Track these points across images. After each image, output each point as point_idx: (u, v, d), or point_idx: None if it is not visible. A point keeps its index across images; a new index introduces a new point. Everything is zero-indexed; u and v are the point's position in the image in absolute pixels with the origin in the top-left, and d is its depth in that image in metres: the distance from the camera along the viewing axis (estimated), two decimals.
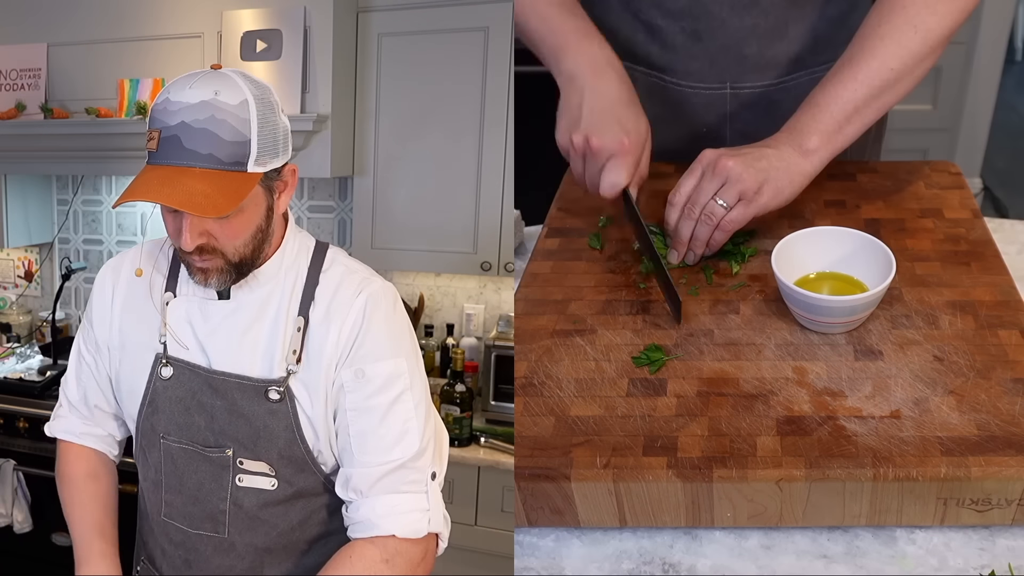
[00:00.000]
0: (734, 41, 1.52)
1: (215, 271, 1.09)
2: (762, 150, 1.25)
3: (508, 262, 2.37)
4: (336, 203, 2.81)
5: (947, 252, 1.30)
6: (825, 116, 1.25)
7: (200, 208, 0.99)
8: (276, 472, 1.15)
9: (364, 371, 1.12)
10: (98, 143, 2.60)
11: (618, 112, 1.32)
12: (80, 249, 3.17)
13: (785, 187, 1.25)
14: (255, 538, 1.18)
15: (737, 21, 1.50)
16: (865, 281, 1.18)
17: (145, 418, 1.19)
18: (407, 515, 1.11)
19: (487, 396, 2.46)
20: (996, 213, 3.71)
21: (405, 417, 1.13)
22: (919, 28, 1.24)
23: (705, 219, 1.25)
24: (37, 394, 2.60)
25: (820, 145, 1.25)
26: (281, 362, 1.13)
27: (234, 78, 1.05)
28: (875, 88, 1.25)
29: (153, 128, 1.03)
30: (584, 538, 1.01)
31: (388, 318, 1.15)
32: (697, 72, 1.57)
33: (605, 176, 1.30)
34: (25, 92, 2.74)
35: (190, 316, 1.16)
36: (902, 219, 1.39)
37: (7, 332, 3.06)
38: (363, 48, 2.45)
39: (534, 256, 1.38)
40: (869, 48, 1.25)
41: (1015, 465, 0.92)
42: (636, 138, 1.31)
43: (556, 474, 0.96)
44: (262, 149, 1.04)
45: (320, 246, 1.20)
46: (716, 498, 0.95)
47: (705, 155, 1.27)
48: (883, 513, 0.95)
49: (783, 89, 1.57)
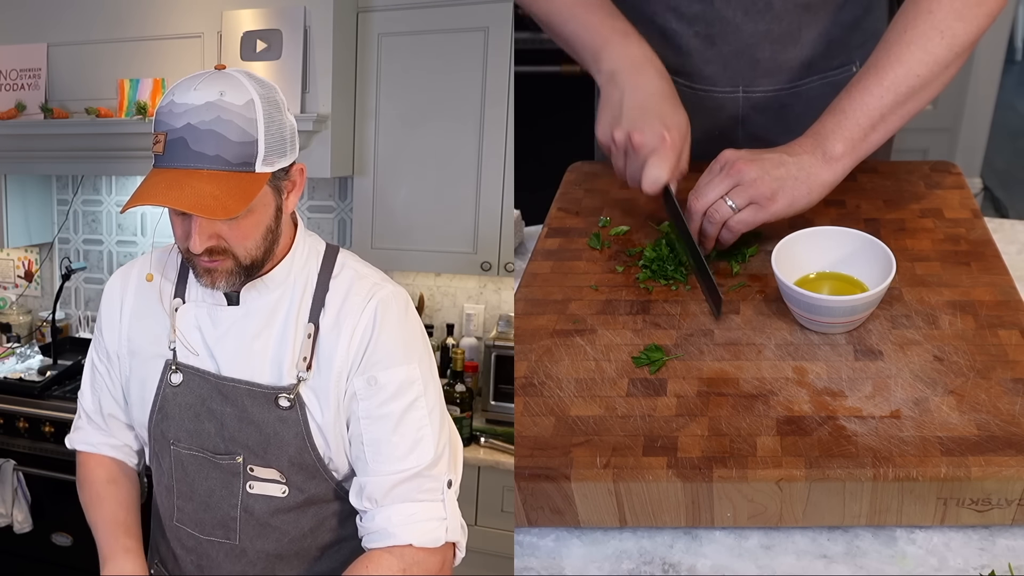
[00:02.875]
0: (747, 45, 1.53)
1: (223, 272, 1.08)
2: (782, 157, 1.24)
3: (508, 262, 2.37)
4: (336, 203, 2.81)
5: (947, 252, 1.30)
6: (850, 123, 1.24)
7: (210, 210, 0.98)
8: (287, 479, 1.14)
9: (376, 378, 1.11)
10: (98, 143, 2.60)
11: (659, 107, 1.33)
12: (80, 249, 3.17)
13: (801, 197, 1.24)
14: (266, 544, 1.17)
15: (751, 26, 1.50)
16: (865, 281, 1.18)
17: (156, 424, 1.19)
18: (424, 524, 1.10)
19: (487, 396, 2.45)
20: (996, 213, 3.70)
21: (419, 424, 1.12)
22: (945, 34, 1.23)
23: (710, 217, 1.26)
24: (37, 394, 2.59)
25: (845, 152, 1.24)
26: (291, 369, 1.12)
27: (239, 78, 1.04)
28: (901, 95, 1.24)
29: (159, 131, 1.02)
30: (584, 538, 1.01)
31: (400, 324, 1.14)
32: (711, 76, 1.58)
33: (647, 172, 1.29)
34: (25, 92, 2.73)
35: (199, 322, 1.15)
36: (902, 219, 1.39)
37: (7, 332, 3.06)
38: (363, 48, 2.45)
39: (534, 256, 1.38)
40: (895, 54, 1.24)
41: (1015, 465, 0.92)
42: (677, 133, 1.31)
43: (556, 474, 0.96)
44: (269, 149, 1.03)
45: (330, 250, 1.19)
46: (716, 498, 0.95)
47: (724, 154, 1.27)
48: (883, 513, 0.95)
49: (795, 93, 1.58)
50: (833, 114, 1.26)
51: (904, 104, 1.25)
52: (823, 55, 1.54)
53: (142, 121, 2.45)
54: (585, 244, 1.40)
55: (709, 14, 1.50)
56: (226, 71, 1.05)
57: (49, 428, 2.52)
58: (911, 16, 1.26)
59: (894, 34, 1.27)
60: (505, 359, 2.41)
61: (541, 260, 1.37)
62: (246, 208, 1.02)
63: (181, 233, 1.07)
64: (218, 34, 2.47)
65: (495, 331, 2.54)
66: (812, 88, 1.57)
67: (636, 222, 1.45)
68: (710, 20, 1.51)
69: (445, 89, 2.39)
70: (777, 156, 1.24)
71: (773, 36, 1.51)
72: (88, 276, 3.16)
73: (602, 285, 1.29)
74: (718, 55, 1.55)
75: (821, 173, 1.24)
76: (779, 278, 1.14)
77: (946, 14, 1.23)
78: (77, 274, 3.10)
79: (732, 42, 1.53)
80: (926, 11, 1.24)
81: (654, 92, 1.35)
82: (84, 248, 3.16)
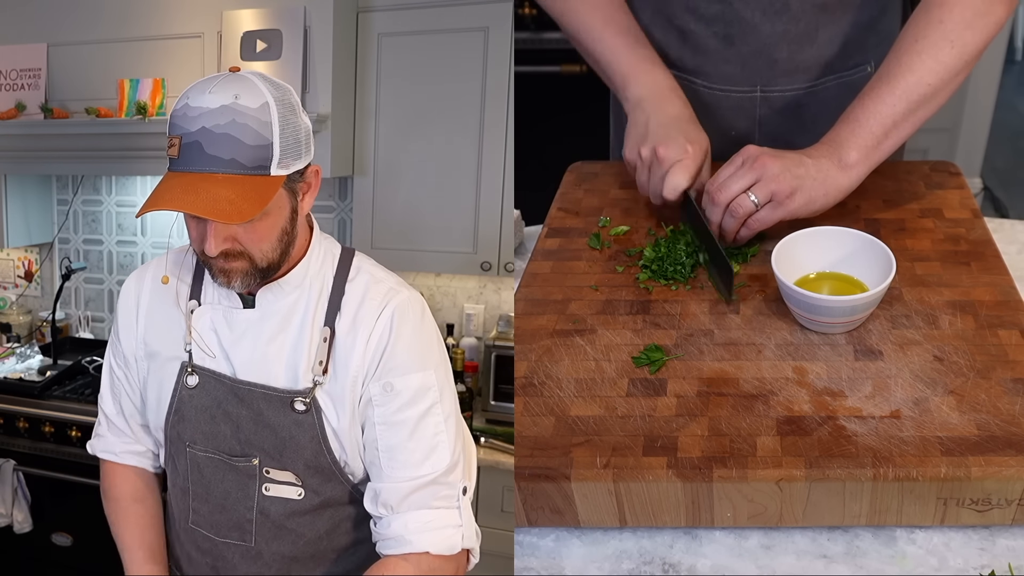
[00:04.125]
0: (765, 46, 1.55)
1: (239, 272, 1.07)
2: (802, 158, 1.27)
3: (508, 262, 2.37)
4: (336, 203, 2.81)
5: (947, 252, 1.30)
6: (864, 131, 1.27)
7: (225, 215, 0.98)
8: (302, 482, 1.14)
9: (393, 384, 1.11)
10: (98, 143, 2.60)
11: (682, 127, 1.41)
12: (80, 249, 3.17)
13: (818, 198, 1.26)
14: (282, 547, 1.17)
15: (768, 26, 1.52)
16: (865, 281, 1.18)
17: (172, 426, 1.19)
18: (440, 531, 1.10)
19: (487, 396, 2.46)
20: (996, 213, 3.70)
21: (435, 431, 1.12)
22: (955, 43, 1.26)
23: (732, 211, 1.27)
24: (37, 394, 2.59)
25: (859, 160, 1.27)
26: (307, 372, 1.12)
27: (254, 81, 1.03)
28: (912, 103, 1.27)
29: (173, 135, 1.01)
30: (584, 538, 1.01)
31: (416, 330, 1.14)
32: (729, 76, 1.60)
33: (668, 179, 1.34)
34: (25, 92, 2.74)
35: (215, 324, 1.15)
36: (902, 219, 1.39)
37: (7, 332, 3.06)
38: (363, 48, 2.45)
39: (534, 256, 1.38)
40: (906, 63, 1.27)
41: (1015, 465, 0.92)
42: (698, 148, 1.37)
43: (556, 474, 0.96)
44: (284, 151, 1.03)
45: (346, 253, 1.19)
46: (716, 498, 0.95)
47: (748, 149, 1.30)
48: (883, 513, 0.95)
49: (812, 94, 1.59)
50: (847, 123, 1.29)
51: (915, 112, 1.28)
52: (839, 55, 1.56)
53: (142, 121, 2.45)
54: (585, 244, 1.40)
55: (728, 14, 1.53)
56: (241, 73, 1.04)
57: (49, 428, 2.51)
58: (922, 26, 1.28)
59: (905, 43, 1.29)
60: (505, 359, 2.41)
61: (541, 260, 1.37)
62: (261, 212, 1.01)
63: (196, 236, 1.07)
64: (218, 34, 2.47)
65: (495, 331, 2.54)
66: (828, 88, 1.58)
67: (636, 222, 1.45)
68: (729, 20, 1.53)
69: (445, 89, 2.39)
70: (797, 156, 1.28)
71: (791, 36, 1.53)
72: (88, 276, 3.16)
73: (602, 285, 1.29)
74: (736, 55, 1.57)
75: (838, 178, 1.27)
76: (779, 278, 1.14)
77: (956, 24, 1.26)
78: (77, 274, 3.10)
79: (750, 42, 1.55)
80: (936, 21, 1.27)
81: (678, 116, 1.42)
82: (84, 248, 3.16)
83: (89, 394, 2.57)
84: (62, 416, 2.50)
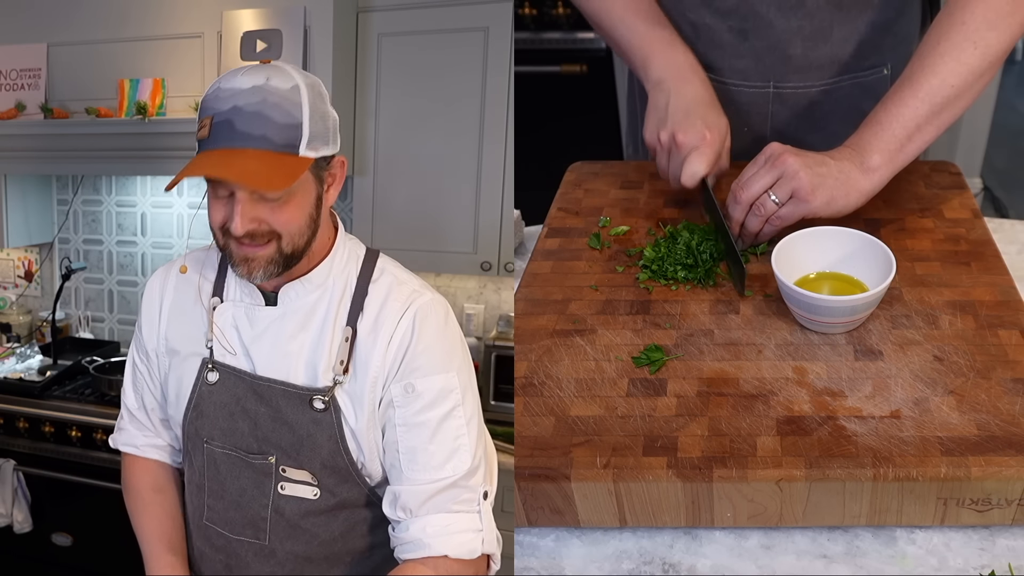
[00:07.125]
0: (779, 41, 1.54)
1: (262, 260, 1.06)
2: (825, 158, 1.27)
3: (508, 262, 2.37)
4: (336, 203, 2.80)
5: (947, 252, 1.30)
6: (887, 135, 1.26)
7: (255, 181, 0.98)
8: (319, 481, 1.14)
9: (414, 386, 1.10)
10: (98, 143, 2.60)
11: (701, 111, 1.41)
12: (80, 249, 3.16)
13: (839, 198, 1.25)
14: (296, 546, 1.17)
15: (783, 22, 1.52)
16: (865, 281, 1.18)
17: (190, 422, 1.19)
18: (460, 535, 1.09)
19: (487, 396, 2.45)
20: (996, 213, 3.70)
21: (456, 434, 1.11)
22: (978, 44, 1.25)
23: (756, 210, 1.28)
24: (37, 394, 2.59)
25: (882, 163, 1.26)
26: (327, 371, 1.12)
27: (285, 67, 1.05)
28: (936, 105, 1.25)
29: (204, 116, 1.02)
30: (584, 538, 1.01)
31: (439, 332, 1.13)
32: (742, 70, 1.60)
33: (686, 166, 1.35)
34: (25, 92, 2.74)
35: (237, 321, 1.15)
36: (902, 219, 1.39)
37: (7, 332, 3.06)
38: (363, 48, 2.45)
39: (534, 256, 1.38)
40: (929, 66, 1.26)
41: (1015, 465, 0.92)
42: (717, 133, 1.38)
43: (556, 474, 0.96)
44: (313, 134, 1.04)
45: (370, 254, 1.19)
46: (716, 498, 0.95)
47: (771, 147, 1.30)
48: (883, 513, 0.95)
49: (826, 92, 1.59)
50: (870, 126, 1.28)
51: (939, 114, 1.26)
52: (854, 55, 1.56)
53: (142, 121, 2.45)
54: (585, 244, 1.40)
55: (743, 8, 1.53)
56: (272, 63, 1.07)
57: (49, 428, 2.51)
58: (944, 27, 1.27)
59: (928, 46, 1.28)
60: (505, 359, 2.41)
61: (541, 260, 1.37)
62: (292, 184, 1.02)
63: (221, 217, 1.06)
64: (218, 34, 2.47)
65: (495, 331, 2.54)
66: (843, 88, 1.58)
67: (636, 222, 1.45)
68: (744, 15, 1.53)
69: (445, 89, 2.39)
70: (821, 156, 1.27)
71: (805, 33, 1.53)
72: (88, 276, 3.16)
73: (602, 285, 1.29)
74: (751, 49, 1.57)
75: (860, 180, 1.26)
76: (779, 278, 1.14)
77: (979, 24, 1.25)
78: (77, 274, 3.10)
79: (765, 37, 1.55)
80: (959, 22, 1.26)
81: (697, 98, 1.43)
82: (84, 248, 3.16)
83: (89, 394, 2.57)
84: (62, 416, 2.50)
